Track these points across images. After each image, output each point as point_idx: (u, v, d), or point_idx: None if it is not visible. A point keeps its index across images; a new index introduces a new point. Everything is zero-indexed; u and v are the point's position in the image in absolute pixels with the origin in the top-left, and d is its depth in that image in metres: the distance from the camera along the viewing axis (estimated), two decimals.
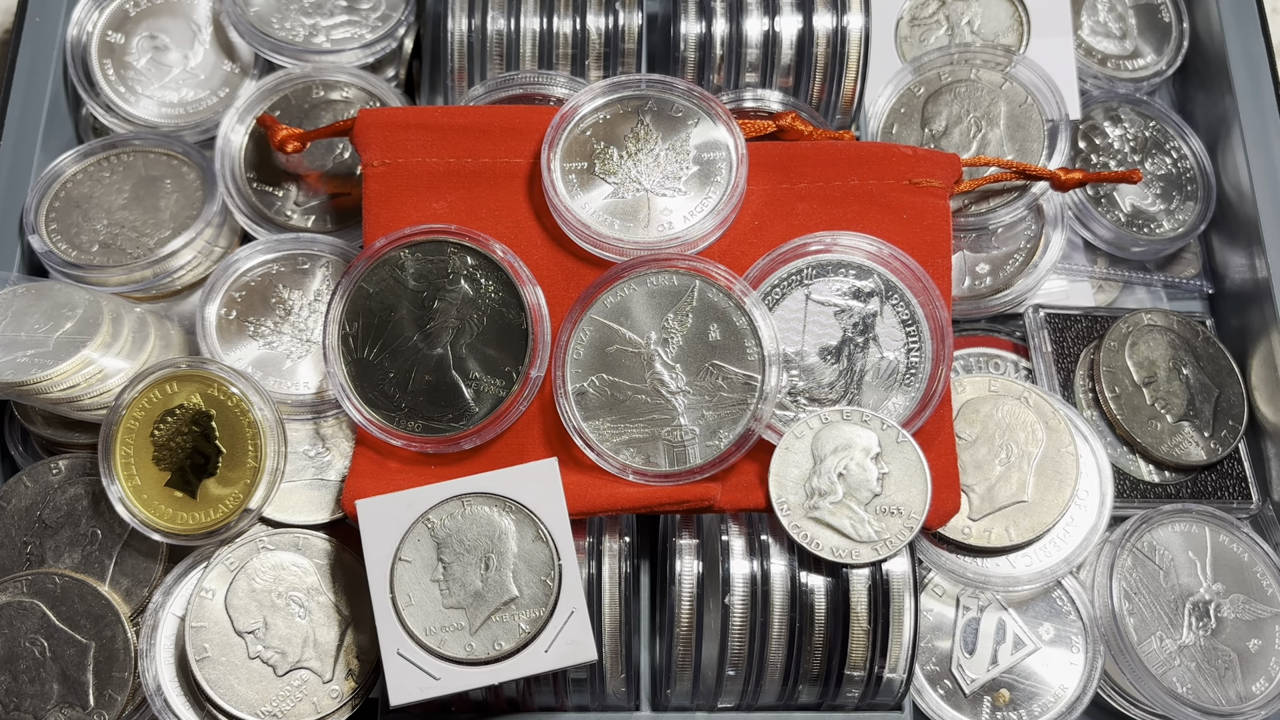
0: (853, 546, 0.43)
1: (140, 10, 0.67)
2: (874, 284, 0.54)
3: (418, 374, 0.53)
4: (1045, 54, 0.66)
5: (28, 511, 0.56)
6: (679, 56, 0.63)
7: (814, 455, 0.45)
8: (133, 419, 0.53)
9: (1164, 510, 0.58)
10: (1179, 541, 0.57)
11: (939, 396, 0.53)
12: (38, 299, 0.56)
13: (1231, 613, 0.56)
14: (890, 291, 0.54)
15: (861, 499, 0.43)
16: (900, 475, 0.44)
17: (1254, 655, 0.56)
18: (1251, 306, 0.64)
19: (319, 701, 0.52)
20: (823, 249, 0.54)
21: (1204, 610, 0.56)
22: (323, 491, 0.55)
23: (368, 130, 0.56)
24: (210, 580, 0.53)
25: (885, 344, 0.53)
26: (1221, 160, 0.68)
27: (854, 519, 0.43)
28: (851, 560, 0.43)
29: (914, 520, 0.43)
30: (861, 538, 0.43)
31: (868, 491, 0.43)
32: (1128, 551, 0.57)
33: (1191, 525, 0.58)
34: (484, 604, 0.49)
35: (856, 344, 0.53)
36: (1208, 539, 0.57)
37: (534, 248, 0.55)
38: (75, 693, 0.53)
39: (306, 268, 0.59)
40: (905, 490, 0.44)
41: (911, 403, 0.53)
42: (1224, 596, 0.56)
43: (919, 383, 0.53)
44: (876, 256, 0.54)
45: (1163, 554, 0.57)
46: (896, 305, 0.54)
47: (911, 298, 0.54)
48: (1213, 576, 0.57)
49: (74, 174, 0.62)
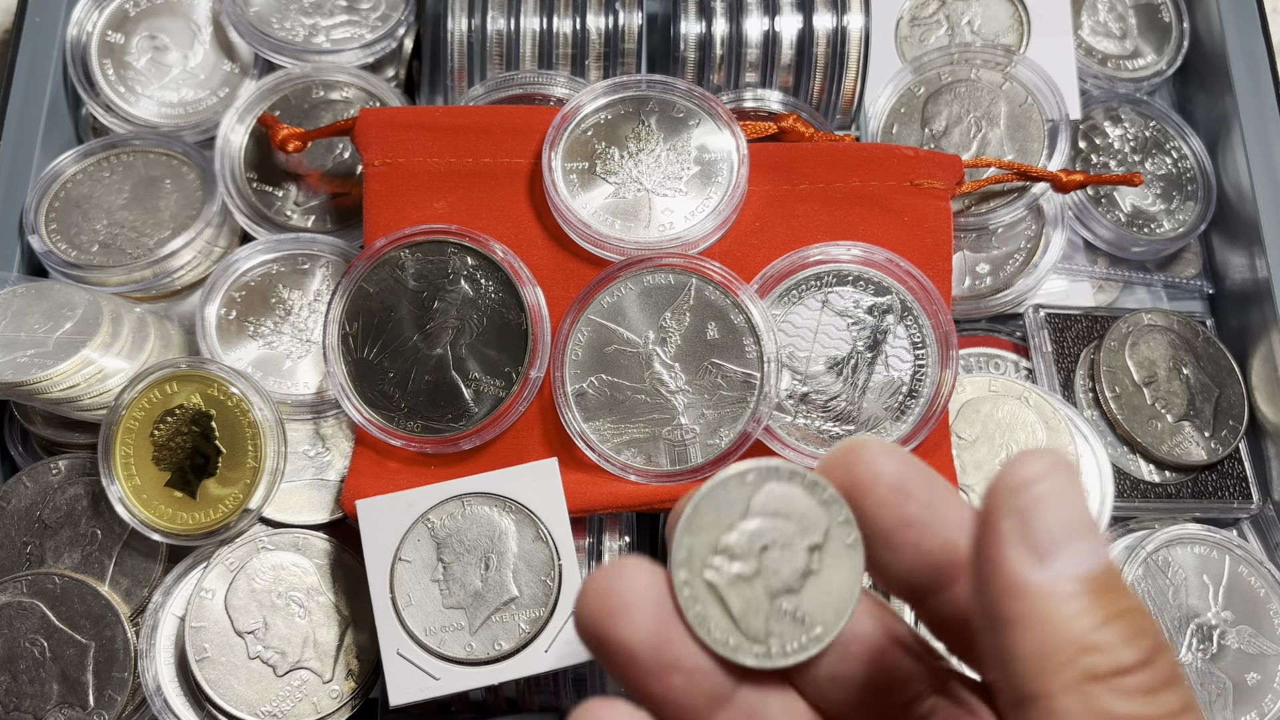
0: (734, 635, 0.32)
1: (140, 10, 0.67)
2: (890, 301, 0.54)
3: (417, 374, 0.53)
4: (1045, 54, 0.66)
5: (27, 512, 0.56)
6: (679, 56, 0.63)
7: (749, 507, 0.34)
8: (132, 419, 0.53)
9: (1189, 532, 0.57)
10: (1195, 564, 0.57)
11: (938, 418, 0.53)
12: (37, 299, 0.56)
13: (1235, 642, 0.55)
14: (905, 311, 0.53)
15: (772, 586, 0.33)
16: (828, 584, 0.33)
17: (1249, 688, 0.55)
18: (1252, 306, 0.64)
19: (319, 701, 0.52)
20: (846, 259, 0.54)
21: (1207, 634, 0.56)
22: (322, 491, 0.55)
23: (368, 130, 0.56)
24: (210, 580, 0.53)
25: (893, 364, 0.53)
26: (1222, 160, 0.68)
27: (751, 606, 0.33)
28: (724, 652, 0.32)
29: (814, 643, 0.33)
30: (748, 631, 0.33)
31: (783, 582, 0.33)
32: (1141, 562, 0.56)
33: (1212, 551, 0.57)
34: (484, 604, 0.49)
35: (864, 358, 0.53)
36: (1226, 567, 0.57)
37: (535, 248, 0.55)
38: (75, 693, 0.53)
39: (306, 268, 0.59)
40: (824, 603, 0.33)
41: (913, 423, 0.53)
42: (1231, 625, 0.56)
43: (921, 404, 0.53)
44: (896, 273, 0.54)
45: (1176, 571, 0.56)
46: (910, 326, 0.53)
47: (925, 320, 0.53)
48: (1223, 604, 0.56)
49: (74, 174, 0.62)
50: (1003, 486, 0.26)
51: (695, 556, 0.33)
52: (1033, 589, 0.25)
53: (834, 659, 0.32)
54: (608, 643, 0.31)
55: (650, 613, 0.31)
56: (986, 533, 0.26)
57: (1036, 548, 0.26)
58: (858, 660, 0.32)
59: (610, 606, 0.31)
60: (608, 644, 0.31)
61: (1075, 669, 0.25)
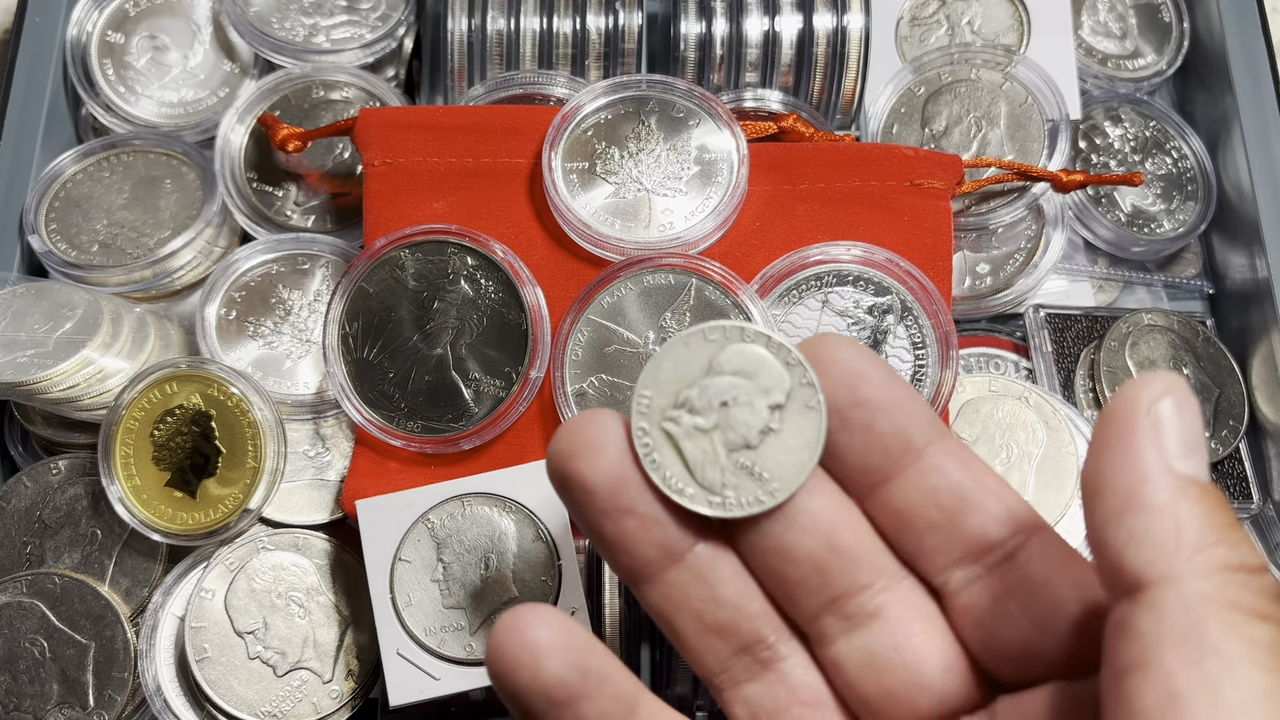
0: (689, 485, 0.33)
1: (140, 10, 0.67)
2: (890, 301, 0.54)
3: (417, 374, 0.53)
4: (1045, 54, 0.66)
5: (27, 512, 0.56)
6: (679, 56, 0.63)
7: (711, 366, 0.34)
8: (132, 419, 0.53)
9: None
10: None
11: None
12: (37, 299, 0.56)
13: None
14: (906, 312, 0.53)
15: (730, 441, 0.34)
16: (788, 441, 0.33)
17: None
18: (1252, 306, 0.64)
19: (319, 702, 0.52)
20: (846, 259, 0.54)
21: None
22: (322, 492, 0.55)
23: (368, 130, 0.56)
24: (210, 580, 0.53)
25: (893, 364, 0.53)
26: (1222, 160, 0.68)
27: (708, 456, 0.34)
28: (677, 498, 0.33)
29: (770, 496, 0.33)
30: (704, 481, 0.33)
31: (741, 437, 0.34)
32: None
33: None
34: (484, 604, 0.49)
35: None
36: None
37: (535, 248, 0.55)
38: (75, 693, 0.53)
39: (306, 268, 0.59)
40: (782, 460, 0.33)
41: None
42: None
43: None
44: (896, 273, 0.53)
45: None
46: (910, 326, 0.53)
47: (926, 320, 0.53)
48: None
49: (74, 174, 0.62)
50: (1140, 389, 0.28)
51: (655, 407, 0.34)
52: (1172, 478, 0.26)
53: (783, 528, 0.33)
54: (569, 480, 0.32)
55: (612, 455, 0.33)
56: (1125, 422, 0.27)
57: (1176, 444, 0.27)
58: (806, 534, 0.33)
59: (576, 446, 0.32)
60: (569, 481, 0.33)
61: (1209, 556, 0.26)
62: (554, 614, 0.30)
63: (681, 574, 0.33)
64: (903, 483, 0.33)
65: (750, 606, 0.33)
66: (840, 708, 0.34)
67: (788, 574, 0.33)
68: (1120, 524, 0.27)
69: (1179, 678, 0.24)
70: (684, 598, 0.33)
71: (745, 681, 0.34)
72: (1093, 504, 0.27)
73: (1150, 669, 0.25)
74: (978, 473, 0.33)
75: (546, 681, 0.30)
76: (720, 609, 0.33)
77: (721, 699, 0.34)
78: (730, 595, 0.33)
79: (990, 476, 0.33)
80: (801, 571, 0.33)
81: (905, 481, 0.33)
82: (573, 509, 0.33)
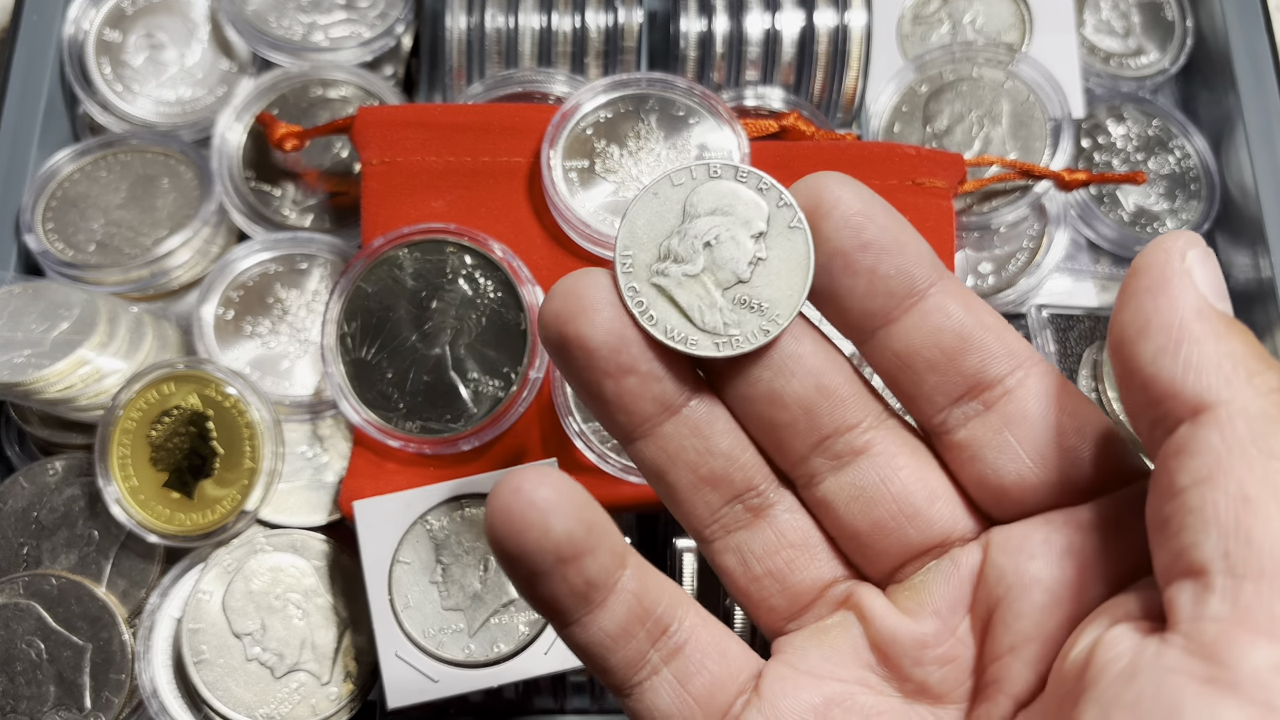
0: (691, 332, 0.33)
1: (137, 8, 0.66)
2: None
3: (416, 374, 0.52)
4: (1048, 52, 0.66)
5: (24, 513, 0.56)
6: (679, 54, 0.63)
7: (685, 211, 0.34)
8: (129, 419, 0.53)
9: None
10: None
11: None
12: (34, 299, 0.56)
13: None
14: None
15: (721, 280, 0.34)
16: (778, 267, 0.34)
17: None
18: (1255, 306, 0.63)
19: (317, 704, 0.52)
20: None
21: None
22: (320, 493, 0.55)
23: (367, 128, 0.55)
24: (207, 582, 0.53)
25: None
26: (1225, 159, 0.68)
27: (704, 300, 0.34)
28: (684, 348, 0.33)
29: (774, 324, 0.33)
30: (705, 325, 0.33)
31: (731, 274, 0.34)
32: None
33: None
34: (483, 606, 0.49)
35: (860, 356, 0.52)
36: None
37: (534, 247, 0.55)
38: (72, 695, 0.52)
39: (304, 267, 0.59)
40: (776, 285, 0.34)
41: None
42: None
43: None
44: None
45: None
46: None
47: None
48: None
49: (70, 173, 0.62)
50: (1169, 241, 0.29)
51: (640, 264, 0.34)
52: (1216, 313, 0.28)
53: (773, 374, 0.33)
54: (568, 341, 0.32)
55: (611, 313, 0.32)
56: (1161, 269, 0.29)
57: (1210, 287, 0.29)
58: (795, 378, 0.33)
59: (573, 306, 0.32)
60: (568, 342, 0.32)
61: (1264, 379, 0.28)
62: (554, 472, 0.30)
63: (678, 427, 0.34)
64: (904, 324, 0.33)
65: (742, 456, 0.34)
66: (830, 548, 0.35)
67: (777, 418, 0.34)
68: (1177, 355, 0.28)
69: (1249, 483, 0.26)
70: (679, 450, 0.34)
71: (736, 530, 0.34)
72: (1138, 343, 0.29)
73: (1220, 479, 0.27)
74: (979, 312, 0.33)
75: (557, 539, 0.30)
76: (714, 459, 0.34)
77: (710, 550, 0.35)
78: (724, 446, 0.34)
79: (991, 315, 0.33)
80: (791, 415, 0.33)
81: (907, 323, 0.33)
82: (570, 371, 0.33)
